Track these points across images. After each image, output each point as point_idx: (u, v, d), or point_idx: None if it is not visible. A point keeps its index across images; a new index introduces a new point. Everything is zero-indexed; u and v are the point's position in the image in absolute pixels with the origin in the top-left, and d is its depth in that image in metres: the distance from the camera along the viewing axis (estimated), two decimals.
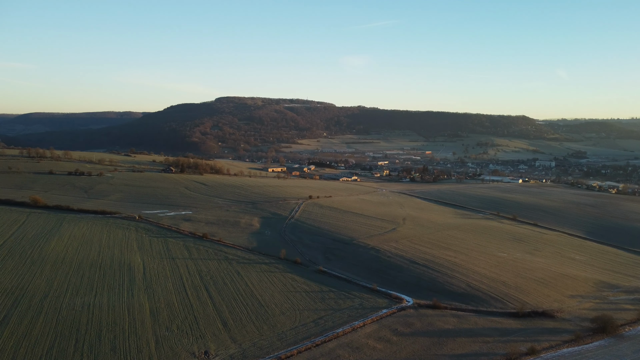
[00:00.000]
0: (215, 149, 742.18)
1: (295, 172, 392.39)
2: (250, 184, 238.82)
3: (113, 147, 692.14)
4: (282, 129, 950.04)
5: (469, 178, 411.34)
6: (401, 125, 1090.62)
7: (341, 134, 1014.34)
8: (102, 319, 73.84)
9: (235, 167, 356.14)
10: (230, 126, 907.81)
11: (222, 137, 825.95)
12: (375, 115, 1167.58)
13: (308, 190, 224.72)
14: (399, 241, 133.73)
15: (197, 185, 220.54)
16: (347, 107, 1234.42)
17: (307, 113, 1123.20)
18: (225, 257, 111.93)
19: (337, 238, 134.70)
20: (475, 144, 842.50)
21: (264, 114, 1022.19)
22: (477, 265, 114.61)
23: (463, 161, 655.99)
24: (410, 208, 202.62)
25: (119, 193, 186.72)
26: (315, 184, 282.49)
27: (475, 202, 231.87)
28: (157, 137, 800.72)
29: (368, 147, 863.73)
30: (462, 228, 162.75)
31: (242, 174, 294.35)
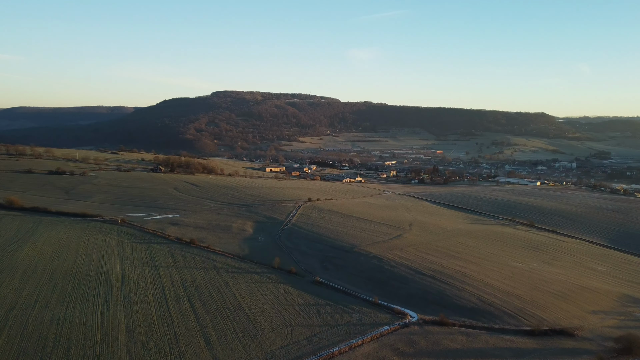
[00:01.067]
0: (210, 146, 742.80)
1: (295, 172, 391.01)
2: (245, 184, 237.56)
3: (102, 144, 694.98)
4: (283, 126, 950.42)
5: (482, 180, 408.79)
6: (411, 122, 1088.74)
7: (346, 132, 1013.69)
8: (72, 335, 71.44)
9: (230, 166, 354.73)
10: (227, 122, 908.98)
11: (218, 134, 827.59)
12: (383, 111, 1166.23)
13: (307, 192, 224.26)
14: (404, 249, 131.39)
15: (188, 186, 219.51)
16: (352, 103, 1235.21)
17: (310, 109, 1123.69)
18: (213, 266, 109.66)
19: (337, 245, 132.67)
20: (490, 143, 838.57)
21: (264, 110, 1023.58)
22: (489, 277, 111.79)
23: (477, 161, 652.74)
24: (417, 212, 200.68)
25: (103, 194, 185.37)
26: (315, 185, 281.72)
27: (489, 206, 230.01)
28: (149, 134, 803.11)
29: (375, 146, 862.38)
30: (473, 235, 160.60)
31: (237, 174, 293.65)
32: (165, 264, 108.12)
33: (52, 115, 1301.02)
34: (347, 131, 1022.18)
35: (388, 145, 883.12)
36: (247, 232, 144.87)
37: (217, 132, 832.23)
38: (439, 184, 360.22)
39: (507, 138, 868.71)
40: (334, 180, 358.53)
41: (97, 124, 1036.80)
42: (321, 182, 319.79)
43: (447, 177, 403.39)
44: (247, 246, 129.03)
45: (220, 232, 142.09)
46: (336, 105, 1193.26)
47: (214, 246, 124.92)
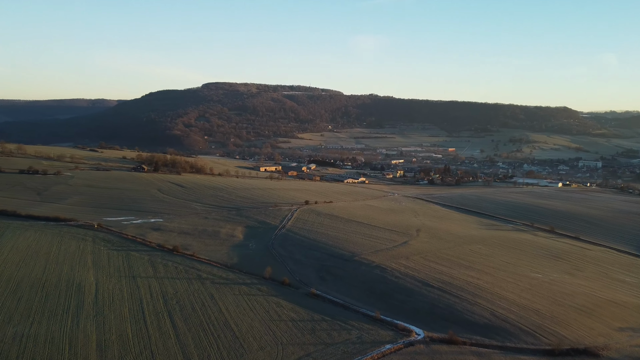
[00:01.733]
0: (200, 143, 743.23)
1: (292, 171, 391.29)
2: (236, 185, 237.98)
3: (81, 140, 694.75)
4: (280, 121, 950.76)
5: (498, 180, 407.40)
6: (420, 117, 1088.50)
7: (349, 127, 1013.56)
8: (36, 354, 70.17)
9: (221, 165, 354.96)
10: (219, 117, 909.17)
11: (209, 129, 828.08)
12: (390, 105, 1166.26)
13: (305, 194, 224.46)
14: (410, 258, 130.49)
15: (173, 187, 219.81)
16: (356, 96, 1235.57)
17: (310, 102, 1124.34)
18: (198, 276, 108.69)
19: (336, 253, 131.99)
20: (507, 140, 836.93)
21: (259, 103, 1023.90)
22: (504, 289, 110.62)
23: (492, 160, 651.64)
24: (426, 216, 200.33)
25: (78, 196, 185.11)
26: (314, 186, 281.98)
27: (505, 209, 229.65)
28: (134, 130, 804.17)
29: (380, 143, 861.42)
30: (487, 242, 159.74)
31: (227, 174, 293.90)
32: (144, 274, 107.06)
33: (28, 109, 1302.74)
34: (351, 127, 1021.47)
35: (395, 142, 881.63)
36: (237, 238, 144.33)
37: (208, 128, 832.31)
38: (450, 185, 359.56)
39: (526, 135, 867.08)
40: (334, 180, 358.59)
41: (76, 119, 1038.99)
42: (320, 183, 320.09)
43: (460, 177, 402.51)
44: (236, 254, 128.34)
45: (206, 238, 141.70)
46: (338, 99, 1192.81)
47: (200, 254, 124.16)
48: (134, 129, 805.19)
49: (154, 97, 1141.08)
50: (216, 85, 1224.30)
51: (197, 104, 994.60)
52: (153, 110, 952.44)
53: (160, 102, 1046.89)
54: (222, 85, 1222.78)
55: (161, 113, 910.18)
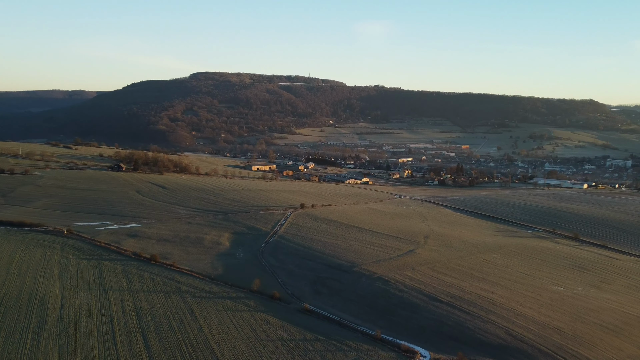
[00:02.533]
0: (187, 139, 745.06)
1: (288, 171, 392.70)
2: (224, 187, 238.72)
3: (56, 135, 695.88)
4: (276, 115, 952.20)
5: (517, 181, 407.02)
6: (431, 111, 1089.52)
7: (352, 122, 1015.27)
8: None
9: (208, 164, 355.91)
10: (208, 110, 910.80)
11: (197, 124, 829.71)
12: (398, 98, 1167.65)
13: (301, 197, 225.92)
14: (417, 269, 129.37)
15: (154, 188, 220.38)
16: (361, 87, 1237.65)
17: (309, 94, 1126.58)
18: (177, 289, 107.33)
19: (333, 263, 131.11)
20: (527, 137, 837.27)
21: (253, 95, 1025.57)
22: (522, 304, 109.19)
23: (510, 159, 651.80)
24: (435, 222, 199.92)
25: (47, 198, 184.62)
26: (311, 187, 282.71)
27: (524, 214, 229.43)
28: (114, 124, 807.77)
29: (387, 139, 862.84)
30: (503, 250, 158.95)
31: (215, 174, 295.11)
32: (117, 287, 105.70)
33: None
34: (354, 121, 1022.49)
35: (403, 138, 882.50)
36: (223, 246, 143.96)
37: (196, 122, 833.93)
38: (463, 186, 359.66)
39: (548, 130, 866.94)
40: (335, 181, 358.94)
41: (51, 112, 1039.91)
42: (319, 184, 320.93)
43: (474, 178, 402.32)
44: (222, 264, 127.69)
45: (189, 245, 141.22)
46: (341, 90, 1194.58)
47: (180, 264, 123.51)
48: (114, 124, 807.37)
49: (137, 88, 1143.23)
50: (205, 75, 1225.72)
51: (184, 95, 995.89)
52: (135, 102, 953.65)
53: (144, 93, 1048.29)
54: (212, 75, 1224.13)
55: (144, 106, 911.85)
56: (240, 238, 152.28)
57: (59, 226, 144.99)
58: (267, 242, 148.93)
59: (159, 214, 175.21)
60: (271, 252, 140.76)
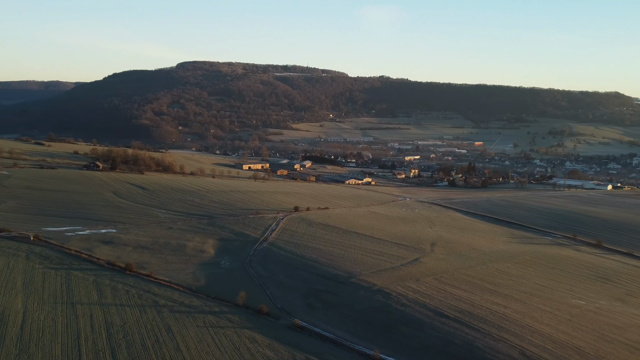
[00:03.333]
0: (173, 135, 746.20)
1: (282, 170, 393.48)
2: (211, 188, 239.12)
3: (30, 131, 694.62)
4: (271, 108, 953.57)
5: (534, 182, 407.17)
6: (441, 104, 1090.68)
7: (355, 116, 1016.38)
8: None
9: (195, 162, 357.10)
10: (196, 103, 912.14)
11: (184, 118, 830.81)
12: (405, 89, 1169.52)
13: (295, 199, 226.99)
14: (422, 280, 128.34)
15: (133, 189, 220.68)
16: (364, 79, 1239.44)
17: (308, 86, 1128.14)
18: (154, 303, 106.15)
19: (328, 274, 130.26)
20: (545, 133, 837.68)
21: (246, 87, 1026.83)
22: (538, 321, 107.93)
23: (528, 157, 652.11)
24: (443, 227, 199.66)
25: (14, 200, 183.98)
26: (307, 188, 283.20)
27: (542, 218, 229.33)
28: (93, 118, 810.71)
29: (392, 135, 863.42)
30: (518, 259, 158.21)
31: (201, 174, 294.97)
32: (86, 300, 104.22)
33: None
34: (356, 115, 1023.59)
35: (410, 134, 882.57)
36: (207, 254, 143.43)
37: (183, 116, 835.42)
38: (475, 187, 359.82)
39: (569, 126, 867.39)
40: (333, 181, 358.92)
41: (25, 105, 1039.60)
42: (316, 185, 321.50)
43: (487, 178, 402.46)
44: (204, 274, 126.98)
45: (169, 253, 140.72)
46: (342, 82, 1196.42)
47: (158, 274, 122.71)
48: (93, 118, 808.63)
49: (119, 78, 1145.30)
50: (194, 64, 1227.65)
51: (170, 87, 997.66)
52: (117, 94, 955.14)
53: (126, 85, 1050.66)
54: (200, 64, 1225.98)
55: (126, 98, 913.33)
56: (226, 245, 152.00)
57: (26, 231, 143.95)
58: (256, 250, 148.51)
59: (137, 218, 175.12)
60: (260, 260, 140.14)
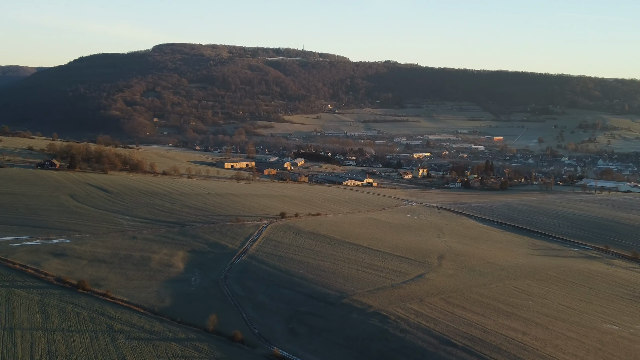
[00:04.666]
0: (147, 128, 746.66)
1: (270, 169, 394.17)
2: (185, 190, 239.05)
3: None
4: (261, 98, 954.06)
5: (561, 183, 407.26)
6: (456, 93, 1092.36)
7: (356, 107, 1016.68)
8: None
9: (169, 160, 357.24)
10: (174, 91, 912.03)
11: (160, 109, 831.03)
12: (414, 76, 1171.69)
13: (282, 203, 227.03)
14: (426, 300, 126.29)
15: (93, 191, 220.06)
16: (368, 64, 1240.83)
17: (303, 72, 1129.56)
18: (108, 328, 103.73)
19: (317, 293, 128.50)
20: (575, 126, 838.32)
21: (232, 73, 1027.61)
22: (562, 350, 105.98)
23: (554, 154, 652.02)
24: (454, 236, 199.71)
25: None
26: (297, 191, 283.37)
27: (569, 226, 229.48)
28: (55, 109, 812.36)
29: (400, 129, 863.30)
30: (541, 275, 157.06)
31: (175, 173, 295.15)
32: (28, 325, 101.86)
33: None
34: (359, 106, 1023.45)
35: (420, 128, 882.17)
36: (175, 268, 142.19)
37: (159, 107, 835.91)
38: (492, 189, 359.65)
39: (602, 118, 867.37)
40: (329, 182, 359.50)
41: None
42: (308, 186, 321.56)
43: (507, 178, 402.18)
44: (171, 293, 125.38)
45: (130, 268, 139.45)
46: (343, 67, 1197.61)
47: (116, 292, 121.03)
48: (56, 108, 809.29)
49: (86, 63, 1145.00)
50: (172, 47, 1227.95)
51: (144, 73, 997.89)
52: (83, 81, 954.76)
53: (94, 70, 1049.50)
54: (180, 47, 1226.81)
55: (94, 86, 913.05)
56: (199, 258, 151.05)
57: None
58: (233, 264, 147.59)
59: (96, 225, 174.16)
60: (237, 277, 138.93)
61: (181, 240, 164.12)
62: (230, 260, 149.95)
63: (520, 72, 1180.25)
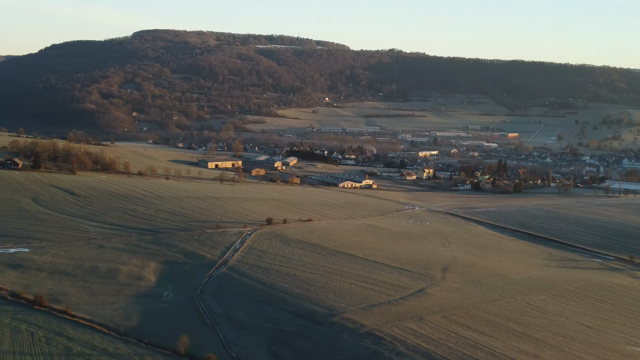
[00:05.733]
0: (125, 123, 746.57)
1: (258, 169, 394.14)
2: (161, 193, 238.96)
3: None
4: (251, 90, 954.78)
5: (582, 185, 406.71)
6: (467, 85, 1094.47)
7: (357, 100, 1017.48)
8: None
9: (146, 158, 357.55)
10: (156, 83, 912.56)
11: (140, 102, 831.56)
12: (421, 67, 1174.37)
13: (270, 207, 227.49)
14: (426, 319, 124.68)
15: (58, 194, 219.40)
16: (369, 52, 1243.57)
17: (298, 61, 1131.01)
18: (66, 350, 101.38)
19: (304, 310, 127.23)
20: (598, 122, 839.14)
21: (219, 62, 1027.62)
22: None
23: (575, 152, 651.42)
24: (461, 245, 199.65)
25: None
26: (288, 193, 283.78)
27: (590, 234, 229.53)
28: (24, 101, 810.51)
29: (404, 125, 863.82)
30: (557, 289, 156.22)
31: (152, 174, 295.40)
32: None
33: None
34: (359, 99, 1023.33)
35: (427, 123, 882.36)
36: (145, 282, 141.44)
37: (139, 100, 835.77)
38: (506, 192, 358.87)
39: (628, 113, 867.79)
40: (323, 184, 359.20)
41: None
42: (300, 189, 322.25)
43: (521, 179, 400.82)
44: (139, 310, 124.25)
45: (95, 281, 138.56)
46: (342, 57, 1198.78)
47: (78, 309, 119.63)
48: (25, 101, 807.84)
49: (58, 51, 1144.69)
50: (154, 34, 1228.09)
51: (123, 62, 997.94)
52: (55, 71, 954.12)
53: (67, 59, 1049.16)
54: (162, 34, 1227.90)
55: (67, 76, 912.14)
56: (173, 270, 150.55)
57: None
58: (211, 277, 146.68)
59: (59, 232, 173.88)
60: (215, 292, 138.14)
61: (154, 250, 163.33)
62: (208, 273, 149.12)
63: (537, 62, 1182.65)
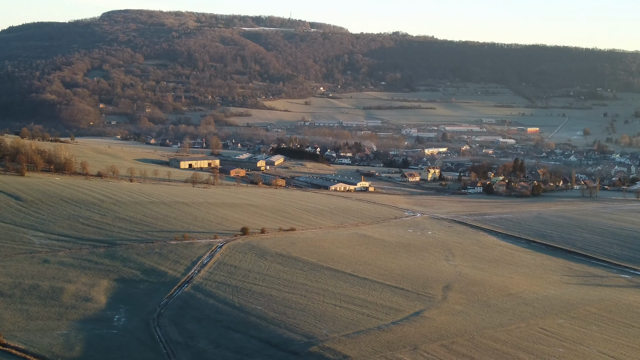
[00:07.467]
0: (91, 116, 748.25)
1: (238, 169, 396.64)
2: (122, 197, 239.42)
3: None
4: (236, 78, 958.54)
5: (610, 188, 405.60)
6: (481, 73, 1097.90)
7: (356, 90, 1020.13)
8: None
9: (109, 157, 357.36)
10: (127, 70, 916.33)
11: (108, 92, 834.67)
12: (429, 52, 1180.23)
13: (247, 214, 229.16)
14: (421, 347, 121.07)
15: (1, 199, 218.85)
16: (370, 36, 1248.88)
17: (290, 46, 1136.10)
18: None
19: (278, 337, 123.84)
20: (630, 115, 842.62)
21: (199, 47, 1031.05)
22: None
23: (603, 150, 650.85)
24: (467, 259, 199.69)
25: None
26: (270, 198, 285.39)
27: (617, 245, 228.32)
28: None
29: (410, 118, 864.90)
30: (577, 311, 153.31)
31: (113, 175, 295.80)
32: None
33: None
34: (359, 89, 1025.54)
35: (435, 116, 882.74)
36: (94, 303, 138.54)
37: (107, 89, 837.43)
38: (522, 195, 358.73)
39: None
40: (312, 186, 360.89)
41: None
42: (284, 192, 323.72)
43: (540, 181, 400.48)
44: (83, 338, 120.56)
45: (35, 303, 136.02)
46: (339, 40, 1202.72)
47: (12, 337, 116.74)
48: None
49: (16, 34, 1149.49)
50: (125, 14, 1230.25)
51: (90, 46, 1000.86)
52: (11, 57, 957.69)
53: (25, 43, 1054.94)
54: (135, 14, 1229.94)
55: (25, 63, 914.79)
56: (128, 289, 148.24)
57: None
58: (172, 297, 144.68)
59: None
60: (175, 315, 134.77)
61: (107, 265, 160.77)
62: (169, 293, 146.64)
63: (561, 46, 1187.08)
